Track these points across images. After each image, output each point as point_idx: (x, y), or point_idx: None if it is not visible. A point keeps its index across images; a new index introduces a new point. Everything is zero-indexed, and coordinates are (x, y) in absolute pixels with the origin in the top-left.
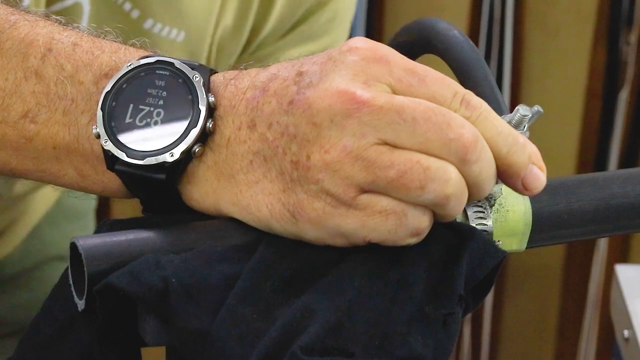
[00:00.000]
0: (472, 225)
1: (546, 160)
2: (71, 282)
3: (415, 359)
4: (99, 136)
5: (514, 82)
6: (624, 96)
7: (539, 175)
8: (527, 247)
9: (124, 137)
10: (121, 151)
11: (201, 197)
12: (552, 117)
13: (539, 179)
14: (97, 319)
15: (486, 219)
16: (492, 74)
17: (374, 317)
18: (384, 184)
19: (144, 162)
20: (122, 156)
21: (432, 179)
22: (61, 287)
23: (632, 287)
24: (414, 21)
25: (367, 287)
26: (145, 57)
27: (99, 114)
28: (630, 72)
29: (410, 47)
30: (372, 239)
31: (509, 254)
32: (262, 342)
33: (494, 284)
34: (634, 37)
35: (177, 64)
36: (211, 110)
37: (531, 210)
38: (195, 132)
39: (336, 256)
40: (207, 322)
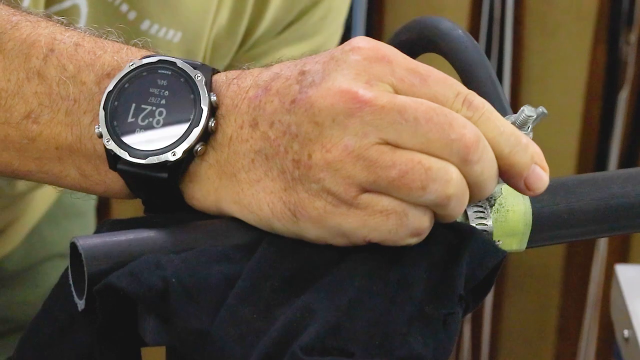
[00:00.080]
0: (472, 225)
1: (546, 160)
2: (71, 282)
3: (415, 358)
4: (101, 136)
5: (514, 82)
6: (624, 96)
7: (541, 175)
8: (527, 247)
9: (126, 136)
10: (124, 150)
11: (203, 196)
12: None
13: (542, 179)
14: (97, 319)
15: (486, 219)
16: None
17: (374, 317)
18: (385, 183)
19: (147, 161)
20: (125, 155)
21: (433, 179)
22: (61, 287)
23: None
24: (414, 20)
25: (367, 287)
26: (147, 56)
27: (102, 114)
28: (630, 72)
29: (411, 45)
30: (372, 238)
31: (509, 253)
32: (262, 342)
33: (494, 284)
34: (634, 37)
35: (179, 64)
36: (213, 109)
37: (531, 210)
38: (197, 131)
39: (336, 256)
40: (207, 322)
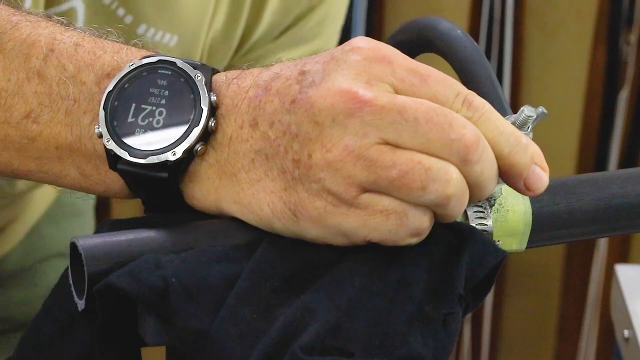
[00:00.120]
0: (472, 225)
1: (546, 160)
2: (71, 282)
3: (415, 358)
4: (101, 136)
5: (514, 82)
6: (624, 96)
7: (541, 175)
8: (527, 247)
9: (126, 136)
10: (124, 150)
11: (203, 196)
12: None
13: (542, 179)
14: (97, 319)
15: (486, 218)
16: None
17: (374, 316)
18: (386, 183)
19: (147, 161)
20: (125, 155)
21: (433, 179)
22: (61, 287)
23: (632, 287)
24: (412, 20)
25: (367, 287)
26: (147, 56)
27: (101, 114)
28: (630, 72)
29: (409, 46)
30: (372, 238)
31: (509, 253)
32: (262, 342)
33: (494, 284)
34: (634, 37)
35: (179, 64)
36: (213, 109)
37: (531, 210)
38: (197, 131)
39: (336, 256)
40: (207, 322)
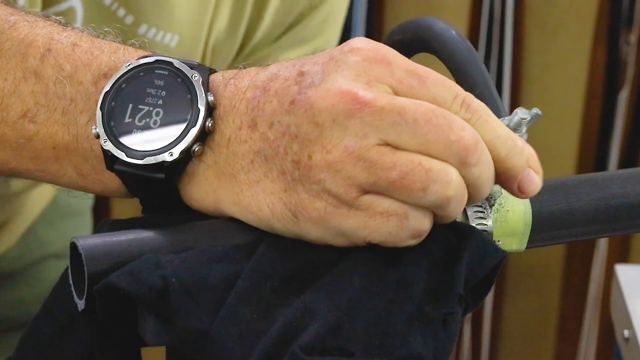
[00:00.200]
0: (472, 225)
1: (546, 160)
2: (71, 282)
3: (415, 358)
4: (98, 136)
5: (514, 82)
6: (624, 96)
7: (534, 179)
8: (527, 247)
9: (124, 137)
10: (120, 151)
11: (201, 197)
12: (552, 117)
13: (535, 182)
14: (97, 319)
15: (486, 219)
16: (491, 74)
17: (373, 316)
18: (386, 184)
19: (144, 161)
20: (122, 156)
21: (434, 180)
22: (61, 286)
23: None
24: (408, 20)
25: (367, 287)
26: (144, 57)
27: (98, 114)
28: (630, 72)
29: (405, 46)
30: (372, 239)
31: (509, 253)
32: (262, 342)
33: (494, 284)
34: (634, 37)
35: (176, 64)
36: (210, 109)
37: (531, 210)
38: (194, 131)
39: (336, 256)
40: (207, 322)
